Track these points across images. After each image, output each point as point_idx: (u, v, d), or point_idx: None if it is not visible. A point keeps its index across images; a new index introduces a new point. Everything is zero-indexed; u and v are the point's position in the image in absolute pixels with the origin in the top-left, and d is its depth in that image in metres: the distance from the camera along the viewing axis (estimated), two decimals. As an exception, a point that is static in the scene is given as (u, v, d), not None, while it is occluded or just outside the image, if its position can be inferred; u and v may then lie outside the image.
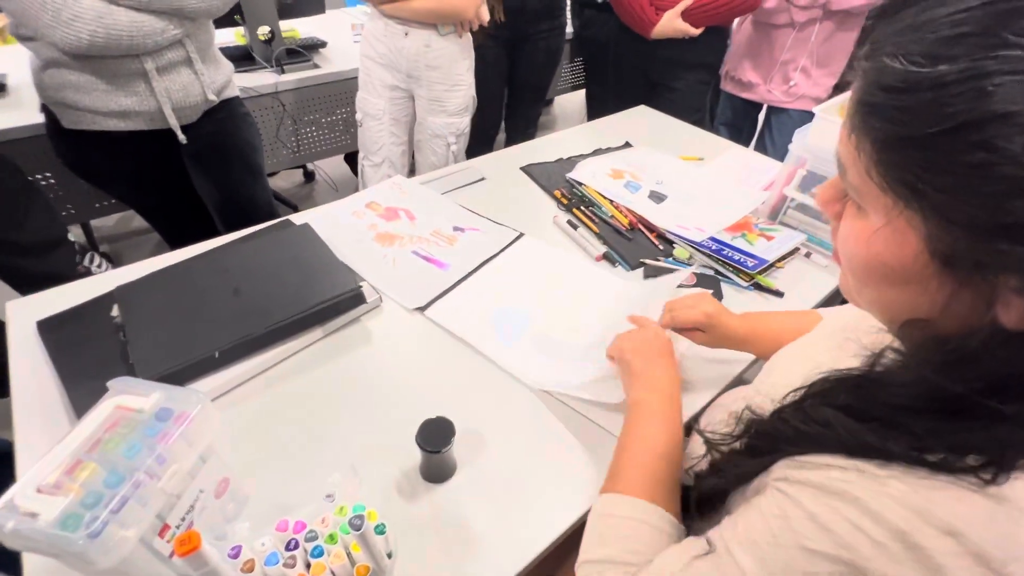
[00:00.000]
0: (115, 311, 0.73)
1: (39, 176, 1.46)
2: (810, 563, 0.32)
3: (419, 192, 1.11)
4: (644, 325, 0.67)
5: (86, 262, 1.49)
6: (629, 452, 0.53)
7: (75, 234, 1.91)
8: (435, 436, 0.57)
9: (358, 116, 1.52)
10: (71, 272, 1.34)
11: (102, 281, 0.82)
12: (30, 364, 0.70)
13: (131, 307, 0.72)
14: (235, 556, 0.40)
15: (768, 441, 0.39)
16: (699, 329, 0.69)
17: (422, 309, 0.83)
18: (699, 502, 0.48)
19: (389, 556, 0.44)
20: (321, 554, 0.41)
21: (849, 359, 0.39)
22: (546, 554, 0.56)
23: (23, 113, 1.36)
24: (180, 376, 0.65)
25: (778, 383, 0.45)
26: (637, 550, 0.45)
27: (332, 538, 0.41)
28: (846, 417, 0.34)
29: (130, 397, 0.46)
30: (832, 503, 0.32)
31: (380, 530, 0.44)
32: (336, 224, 0.99)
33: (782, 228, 1.03)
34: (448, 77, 1.44)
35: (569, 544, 0.62)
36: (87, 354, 0.70)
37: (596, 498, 0.52)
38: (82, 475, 0.41)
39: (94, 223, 2.00)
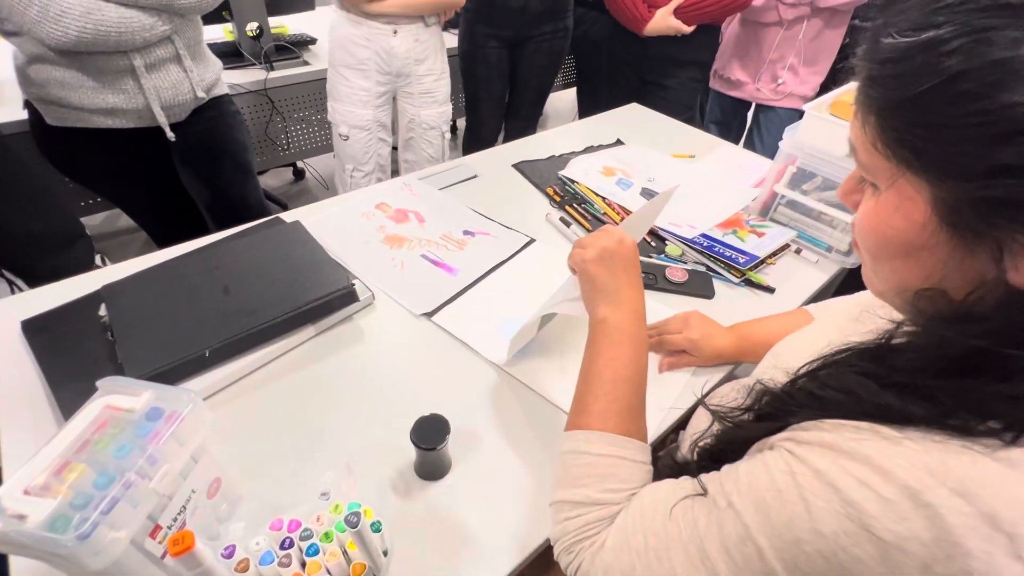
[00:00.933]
0: (102, 310, 0.72)
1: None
2: (814, 520, 0.31)
3: (430, 194, 1.09)
4: (606, 229, 0.60)
5: (98, 261, 1.47)
6: (598, 380, 0.50)
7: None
8: (429, 433, 0.56)
9: (341, 130, 1.45)
10: (89, 267, 1.32)
11: (87, 280, 0.81)
12: (15, 365, 0.69)
13: (118, 306, 0.71)
14: (229, 556, 0.39)
15: (780, 407, 0.39)
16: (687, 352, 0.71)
17: (429, 315, 0.81)
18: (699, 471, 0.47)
19: (385, 554, 0.44)
20: (317, 552, 0.40)
21: (864, 335, 0.39)
22: (540, 551, 0.56)
23: (7, 109, 1.34)
24: (170, 376, 0.64)
25: (790, 360, 0.45)
26: (617, 488, 0.44)
27: (328, 536, 0.41)
28: (867, 380, 0.34)
29: (120, 397, 0.45)
30: (841, 461, 0.32)
31: (376, 527, 0.43)
32: (344, 225, 0.98)
33: (773, 224, 1.04)
34: (435, 67, 1.44)
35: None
36: (74, 354, 0.69)
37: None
38: (71, 476, 0.41)
39: (84, 222, 1.96)
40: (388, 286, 0.86)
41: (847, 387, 0.35)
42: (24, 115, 1.09)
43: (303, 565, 0.40)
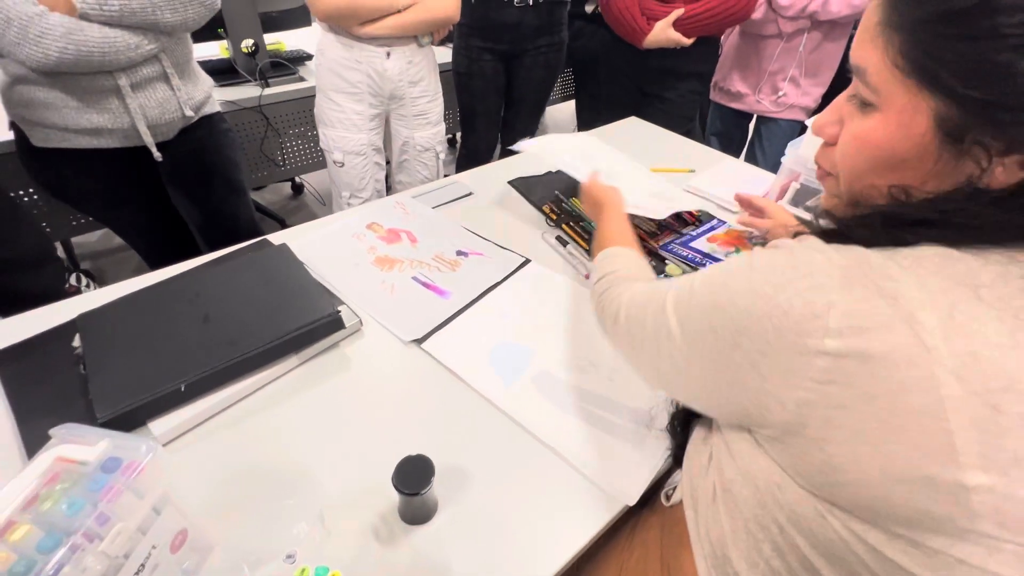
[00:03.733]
0: (76, 341, 0.69)
1: (20, 192, 1.42)
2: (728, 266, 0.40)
3: (423, 213, 1.07)
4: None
5: (72, 281, 1.44)
6: (616, 235, 0.70)
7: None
8: (413, 477, 0.53)
9: (336, 157, 1.41)
10: (60, 290, 1.30)
11: (67, 307, 0.78)
12: (-16, 400, 0.66)
13: (93, 337, 0.68)
14: (181, 630, 0.36)
15: None
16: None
17: (419, 341, 0.78)
18: None
19: (356, 622, 0.40)
20: (277, 625, 0.37)
21: None
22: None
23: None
24: (142, 412, 0.61)
25: None
26: (636, 274, 0.60)
27: (290, 606, 0.37)
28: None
29: (73, 447, 0.42)
30: (767, 251, 0.38)
31: (345, 595, 0.40)
32: (334, 247, 0.95)
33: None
34: (429, 88, 1.41)
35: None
36: (44, 388, 0.66)
37: (581, 533, 0.52)
38: (13, 537, 0.37)
39: (75, 240, 1.95)
40: (377, 311, 0.82)
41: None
42: (2, 137, 1.07)
43: (264, 639, 0.36)
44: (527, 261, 0.96)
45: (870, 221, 0.37)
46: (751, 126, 1.89)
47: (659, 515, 0.58)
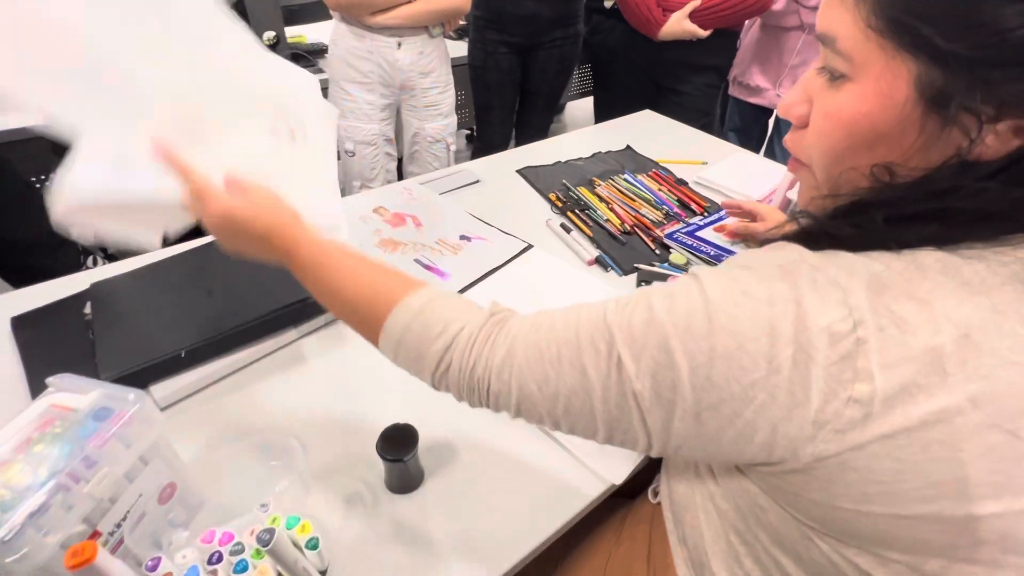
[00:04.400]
0: (87, 308, 0.71)
1: (42, 177, 1.48)
2: (707, 291, 0.33)
3: (429, 198, 1.08)
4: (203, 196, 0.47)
5: (89, 263, 1.50)
6: (361, 276, 0.45)
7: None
8: (397, 444, 0.53)
9: (347, 147, 1.43)
10: (77, 269, 1.35)
11: (81, 279, 0.81)
12: (3, 360, 0.69)
13: (102, 305, 0.71)
14: (153, 568, 0.37)
15: None
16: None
17: None
18: None
19: (323, 574, 0.41)
20: (245, 569, 0.37)
21: None
22: (512, 573, 0.52)
23: (24, 115, 1.38)
24: (144, 375, 0.63)
25: None
26: (469, 307, 0.43)
27: (259, 553, 0.38)
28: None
29: (66, 395, 0.44)
30: (724, 264, 0.35)
31: (312, 544, 0.41)
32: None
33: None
34: (440, 79, 1.42)
35: (541, 563, 0.58)
36: (56, 352, 0.69)
37: (566, 511, 0.48)
38: (6, 476, 0.39)
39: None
40: None
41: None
42: (19, 124, 1.12)
43: (232, 582, 0.37)
44: (529, 246, 0.96)
45: (859, 220, 0.33)
46: (771, 122, 1.85)
47: (649, 510, 0.58)
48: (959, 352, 0.28)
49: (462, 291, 0.85)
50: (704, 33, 1.48)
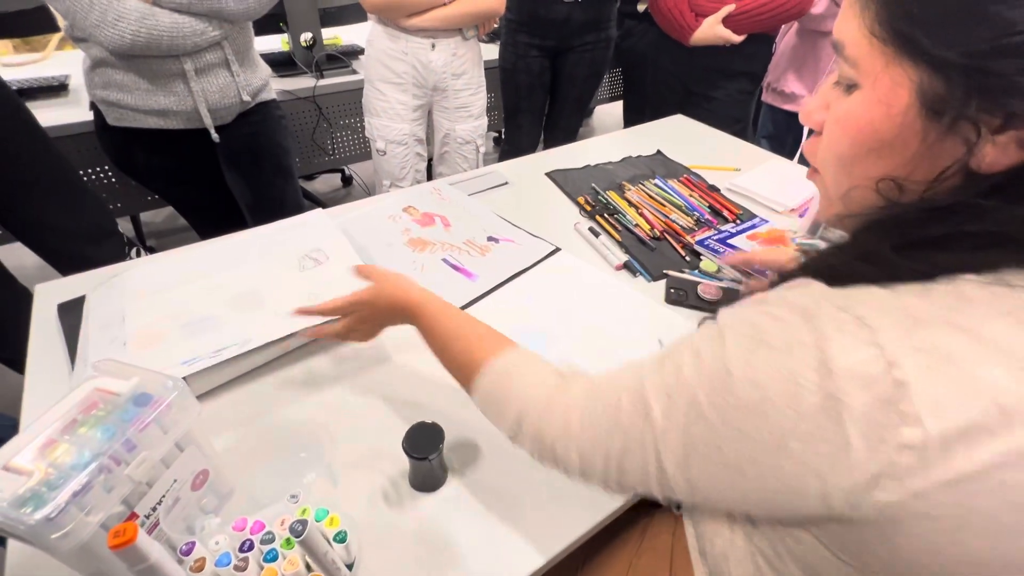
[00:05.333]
0: (129, 298, 0.74)
1: (97, 169, 1.55)
2: (728, 348, 0.33)
3: (458, 199, 1.09)
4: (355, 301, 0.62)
5: (132, 255, 1.55)
6: (460, 338, 0.52)
7: (124, 228, 2.03)
8: (422, 442, 0.54)
9: (379, 145, 1.45)
10: (121, 260, 1.41)
11: (122, 269, 0.84)
12: (47, 346, 0.72)
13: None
14: (187, 553, 0.38)
15: None
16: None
17: None
18: None
19: (350, 567, 0.41)
20: (275, 559, 0.38)
21: None
22: (533, 578, 0.52)
23: (83, 111, 1.45)
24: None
25: None
26: (544, 369, 0.46)
27: (289, 543, 0.39)
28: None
29: (110, 380, 0.45)
30: (764, 307, 0.33)
31: (341, 537, 0.41)
32: (370, 226, 0.99)
33: (821, 244, 0.96)
34: (472, 81, 1.43)
35: (561, 569, 0.58)
36: (99, 338, 0.71)
37: (588, 517, 0.48)
38: (52, 455, 0.41)
39: (144, 218, 2.10)
40: None
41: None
42: (81, 117, 1.17)
43: (261, 569, 0.38)
44: (557, 249, 0.95)
45: (869, 253, 0.33)
46: (805, 130, 1.80)
47: (671, 520, 0.57)
48: (1019, 386, 0.26)
49: (488, 293, 0.85)
50: (738, 39, 1.46)
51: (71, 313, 0.75)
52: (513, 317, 0.80)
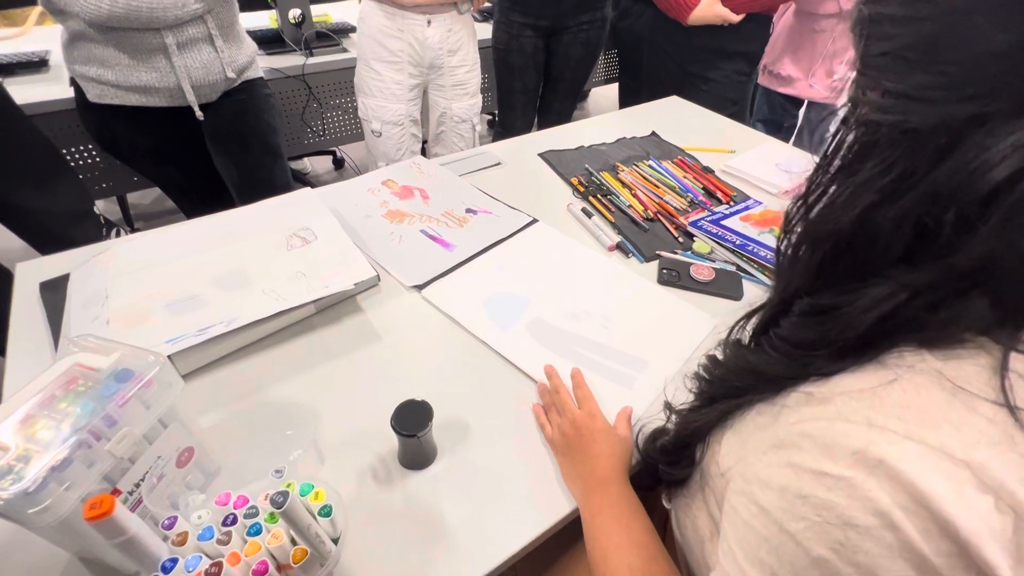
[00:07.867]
0: (112, 276, 0.72)
1: (80, 148, 1.51)
2: (806, 546, 0.28)
3: (437, 172, 1.08)
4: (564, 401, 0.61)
5: (112, 236, 1.53)
6: (610, 551, 0.47)
7: (111, 210, 1.99)
8: (411, 419, 0.53)
9: (374, 126, 1.42)
10: (99, 240, 1.38)
11: (104, 248, 0.83)
12: (29, 326, 0.71)
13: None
14: (169, 527, 0.38)
15: (715, 386, 0.42)
16: None
17: (420, 287, 0.80)
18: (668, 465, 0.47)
19: (336, 541, 0.41)
20: (259, 532, 0.38)
21: None
22: (516, 559, 0.52)
23: (64, 87, 1.41)
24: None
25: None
26: None
27: (272, 517, 0.38)
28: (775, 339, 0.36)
29: (90, 355, 0.44)
30: (791, 458, 0.30)
31: (326, 511, 0.41)
32: (347, 199, 0.98)
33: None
34: (468, 57, 1.41)
35: (551, 548, 0.58)
36: (81, 317, 0.70)
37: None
38: (31, 430, 0.40)
39: (131, 200, 2.06)
40: (382, 257, 0.85)
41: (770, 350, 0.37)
42: (63, 94, 1.14)
43: (245, 543, 0.37)
44: (534, 220, 0.96)
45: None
46: (801, 113, 1.79)
47: (661, 507, 0.57)
48: None
49: (465, 262, 0.85)
50: (736, 18, 1.44)
51: (54, 292, 0.74)
52: (491, 284, 0.82)
